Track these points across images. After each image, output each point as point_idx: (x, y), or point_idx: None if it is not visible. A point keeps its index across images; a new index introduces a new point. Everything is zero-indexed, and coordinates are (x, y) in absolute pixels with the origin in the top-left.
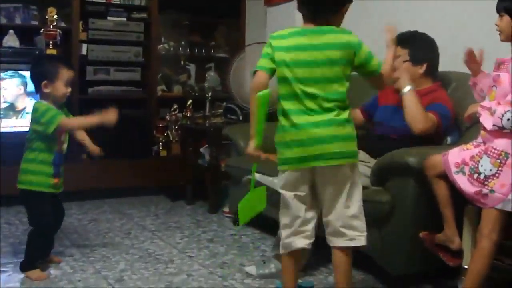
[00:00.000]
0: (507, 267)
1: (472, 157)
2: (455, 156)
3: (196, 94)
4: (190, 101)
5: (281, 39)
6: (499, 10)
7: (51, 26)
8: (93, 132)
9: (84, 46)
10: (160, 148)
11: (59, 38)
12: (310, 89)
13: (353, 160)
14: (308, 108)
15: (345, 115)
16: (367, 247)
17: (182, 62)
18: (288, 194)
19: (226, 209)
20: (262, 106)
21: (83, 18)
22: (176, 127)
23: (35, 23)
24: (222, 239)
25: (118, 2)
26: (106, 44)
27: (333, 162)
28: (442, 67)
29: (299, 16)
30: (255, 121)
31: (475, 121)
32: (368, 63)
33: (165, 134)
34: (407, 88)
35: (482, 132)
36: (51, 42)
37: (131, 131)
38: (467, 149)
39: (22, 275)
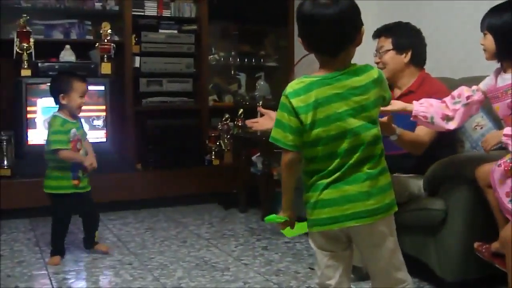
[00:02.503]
0: None
1: None
2: (503, 186)
3: (247, 103)
4: (241, 110)
5: (300, 95)
6: (482, 28)
7: (105, 40)
8: (148, 142)
9: (137, 58)
10: (213, 157)
11: (113, 51)
12: (345, 145)
13: (389, 213)
14: (341, 165)
15: (380, 164)
16: (423, 254)
17: (232, 72)
18: (320, 254)
19: None
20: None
21: (135, 31)
22: (228, 136)
23: (90, 37)
24: (276, 246)
25: (169, 15)
26: (158, 56)
27: (368, 220)
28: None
29: None
30: (288, 196)
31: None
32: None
33: (217, 143)
34: (394, 137)
35: None
36: (105, 55)
37: (184, 140)
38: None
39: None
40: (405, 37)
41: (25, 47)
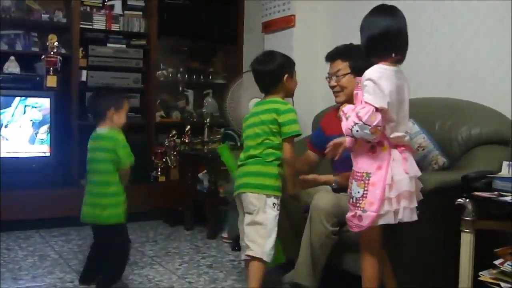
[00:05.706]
0: None
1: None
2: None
3: (195, 120)
4: (189, 127)
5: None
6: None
7: (52, 53)
8: None
9: (84, 72)
10: (159, 173)
11: (59, 64)
12: (248, 143)
13: (256, 190)
14: (245, 154)
15: (269, 158)
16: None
17: (180, 88)
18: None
19: (225, 234)
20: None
21: (83, 44)
22: (175, 153)
23: (36, 49)
24: (221, 264)
25: (118, 29)
26: (105, 71)
27: (242, 190)
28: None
29: (296, 44)
30: None
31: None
32: (284, 125)
33: (164, 159)
34: (334, 186)
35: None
36: (51, 68)
37: None
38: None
39: None
40: (362, 60)
41: None
